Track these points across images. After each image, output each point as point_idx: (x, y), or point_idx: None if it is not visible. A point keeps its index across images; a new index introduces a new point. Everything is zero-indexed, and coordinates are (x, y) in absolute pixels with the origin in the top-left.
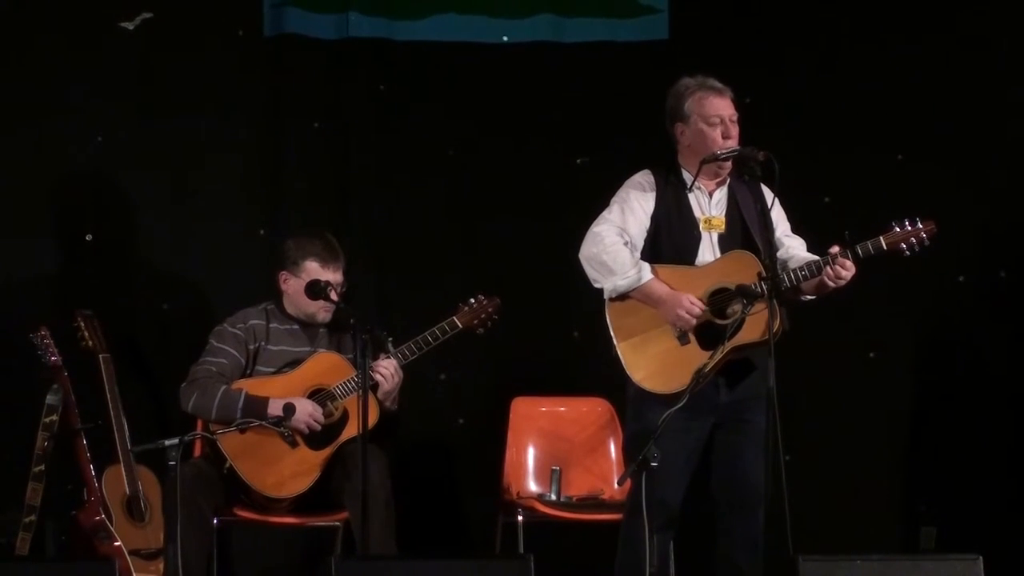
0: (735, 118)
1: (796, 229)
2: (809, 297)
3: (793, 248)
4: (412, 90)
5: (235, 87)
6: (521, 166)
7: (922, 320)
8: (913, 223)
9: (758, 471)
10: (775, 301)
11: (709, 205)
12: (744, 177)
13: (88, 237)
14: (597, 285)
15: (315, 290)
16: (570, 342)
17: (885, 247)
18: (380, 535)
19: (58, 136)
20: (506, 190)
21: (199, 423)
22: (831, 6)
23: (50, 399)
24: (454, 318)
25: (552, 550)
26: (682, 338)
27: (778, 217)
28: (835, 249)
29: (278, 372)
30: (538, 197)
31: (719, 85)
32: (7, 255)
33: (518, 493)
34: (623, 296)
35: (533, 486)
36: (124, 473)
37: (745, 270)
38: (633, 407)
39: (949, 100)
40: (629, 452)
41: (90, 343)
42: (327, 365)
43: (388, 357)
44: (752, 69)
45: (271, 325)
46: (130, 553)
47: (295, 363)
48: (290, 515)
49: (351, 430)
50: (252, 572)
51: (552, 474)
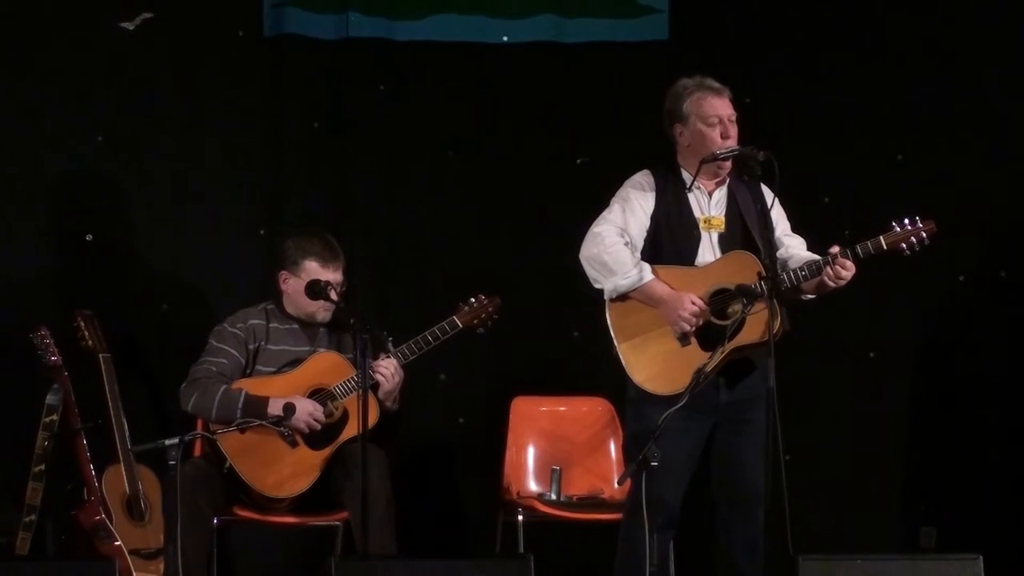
0: (734, 118)
1: (796, 229)
2: (809, 296)
3: (793, 247)
4: (412, 90)
5: (235, 87)
6: (521, 166)
7: (922, 320)
8: (913, 222)
9: (758, 471)
10: (775, 301)
11: (709, 205)
12: (744, 177)
13: (88, 237)
14: (597, 285)
15: (315, 290)
16: (570, 342)
17: (885, 247)
18: (380, 535)
19: (58, 136)
20: (506, 190)
21: (199, 423)
22: (831, 6)
23: (50, 399)
24: (454, 318)
25: (552, 550)
26: (683, 339)
27: (778, 216)
28: (835, 249)
29: (278, 372)
30: (538, 197)
31: (717, 85)
32: (7, 255)
33: (518, 493)
34: (623, 296)
35: (533, 486)
36: (124, 473)
37: (745, 270)
38: (633, 407)
39: (949, 100)
40: (629, 452)
41: (90, 343)
42: (327, 365)
43: (388, 357)
44: (752, 69)
45: (271, 325)
46: (130, 553)
47: (295, 363)
48: (290, 515)
49: (351, 430)
50: (252, 572)
51: (552, 474)
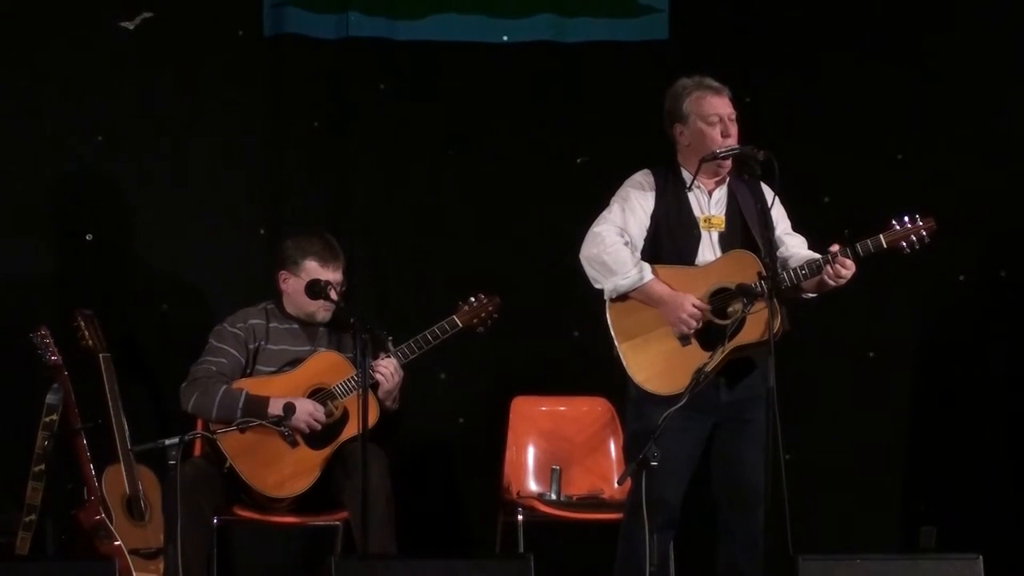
0: (733, 116)
1: (796, 228)
2: (810, 295)
3: (794, 246)
4: (412, 90)
5: (235, 87)
6: (521, 166)
7: (922, 320)
8: (913, 220)
9: (758, 471)
10: (775, 300)
11: (709, 204)
12: (744, 176)
13: (88, 237)
14: (598, 285)
15: (315, 290)
16: (570, 342)
17: (885, 245)
18: (380, 535)
19: (58, 136)
20: (506, 190)
21: (199, 422)
22: (831, 6)
23: (50, 399)
24: (454, 317)
25: (552, 550)
26: (683, 339)
27: (778, 215)
28: (835, 248)
29: (278, 371)
30: (538, 197)
31: (716, 84)
32: (7, 255)
33: (518, 493)
34: (623, 297)
35: (533, 485)
36: (124, 473)
37: (745, 269)
38: (634, 407)
39: (949, 100)
40: (630, 452)
41: (90, 343)
42: (327, 364)
43: (388, 356)
44: (752, 69)
45: (271, 325)
46: (130, 552)
47: (295, 362)
48: (290, 514)
49: (351, 429)
50: (252, 572)
51: (552, 473)
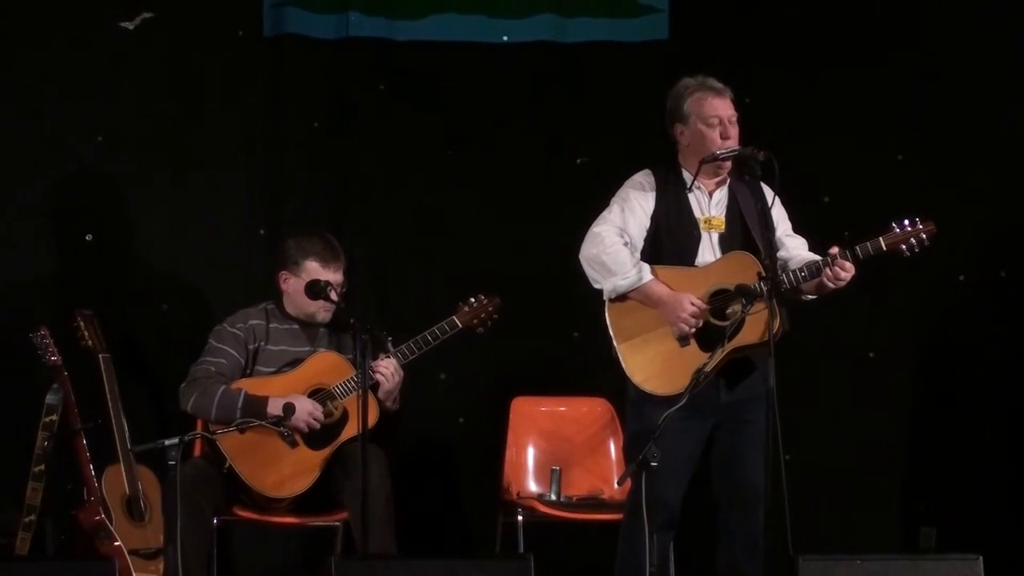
0: (734, 118)
1: (796, 229)
2: (810, 297)
3: (794, 248)
4: (412, 90)
5: (235, 87)
6: (521, 166)
7: (922, 320)
8: (913, 223)
9: (758, 471)
10: (775, 301)
11: (709, 205)
12: (745, 177)
13: (88, 237)
14: (597, 286)
15: (315, 290)
16: (570, 342)
17: (885, 248)
18: (380, 535)
19: (58, 136)
20: (506, 190)
21: (199, 423)
22: (831, 6)
23: (50, 399)
24: (454, 318)
25: (552, 550)
26: (682, 340)
27: (779, 217)
28: (835, 250)
29: (278, 372)
30: (538, 197)
31: (718, 85)
32: (7, 255)
33: (518, 493)
34: (623, 297)
35: (533, 486)
36: (124, 473)
37: (745, 271)
38: (634, 407)
39: (948, 100)
40: (630, 452)
41: (90, 343)
42: (327, 365)
43: (388, 357)
44: (752, 70)
45: (271, 325)
46: (130, 553)
47: (295, 363)
48: (290, 515)
49: (351, 430)
50: (252, 572)
51: (552, 474)
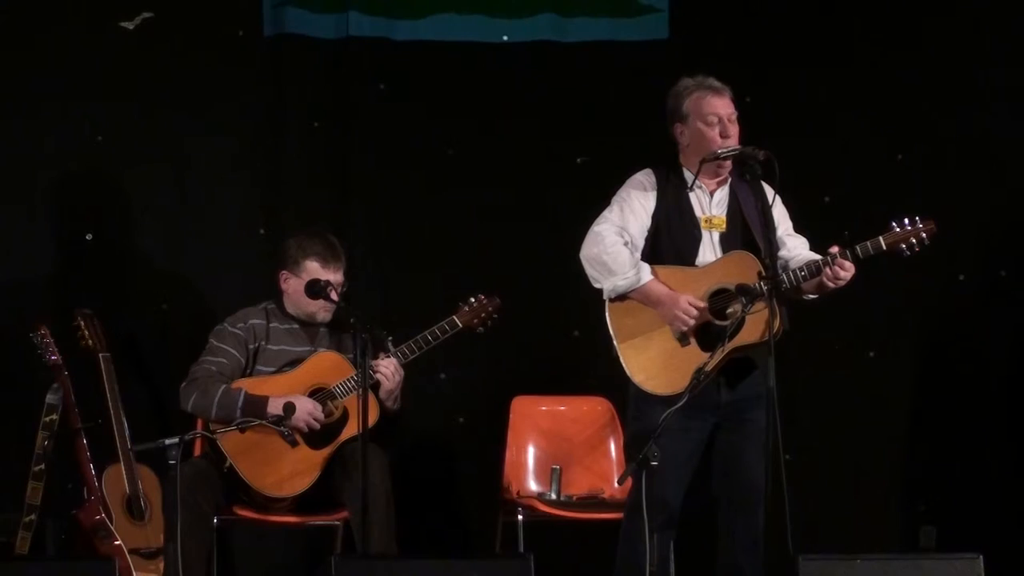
0: (733, 117)
1: (796, 229)
2: (811, 296)
3: (795, 248)
4: (412, 90)
5: (235, 87)
6: (521, 166)
7: (922, 320)
8: (913, 222)
9: (759, 470)
10: (775, 301)
11: (710, 204)
12: (746, 177)
13: (88, 237)
14: (597, 285)
15: (315, 290)
16: (570, 342)
17: (885, 247)
18: (380, 535)
19: (58, 136)
20: (506, 190)
21: (199, 422)
22: (831, 6)
23: (50, 398)
24: (454, 317)
25: (552, 550)
26: (683, 339)
27: (780, 216)
28: (835, 249)
29: (278, 371)
30: (538, 197)
31: (718, 84)
32: (7, 255)
33: (518, 492)
34: (623, 297)
35: (533, 485)
36: (124, 472)
37: (745, 270)
38: (634, 407)
39: (949, 100)
40: (630, 452)
41: (90, 343)
42: (327, 364)
43: (388, 356)
44: (752, 69)
45: (271, 325)
46: (130, 552)
47: (295, 362)
48: (290, 514)
49: (351, 429)
50: (252, 572)
51: (552, 473)
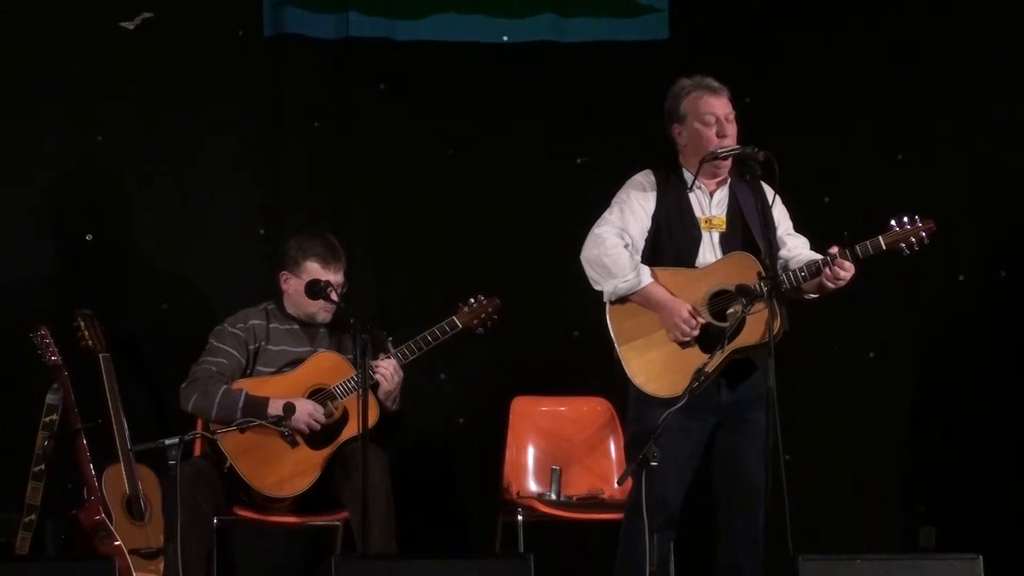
0: (731, 117)
1: (796, 229)
2: (812, 296)
3: (796, 248)
4: (412, 90)
5: (235, 87)
6: (521, 166)
7: (922, 320)
8: (912, 222)
9: (759, 470)
10: (775, 301)
11: (710, 205)
12: (745, 177)
13: (88, 237)
14: (597, 287)
15: (315, 290)
16: (570, 342)
17: (884, 247)
18: (380, 535)
19: (58, 136)
20: (506, 190)
21: (199, 422)
22: (831, 6)
23: (50, 399)
24: (454, 318)
25: (552, 550)
26: (683, 341)
27: (780, 216)
28: (834, 249)
29: (278, 372)
30: (538, 197)
31: (715, 84)
32: (7, 255)
33: (518, 493)
34: (623, 299)
35: (533, 485)
36: (124, 473)
37: (745, 271)
38: (634, 408)
39: (949, 100)
40: (630, 453)
41: (90, 343)
42: (327, 365)
43: (388, 357)
44: (752, 69)
45: (271, 325)
46: (130, 552)
47: (295, 363)
48: (290, 515)
49: (351, 430)
50: (252, 572)
51: (552, 473)
